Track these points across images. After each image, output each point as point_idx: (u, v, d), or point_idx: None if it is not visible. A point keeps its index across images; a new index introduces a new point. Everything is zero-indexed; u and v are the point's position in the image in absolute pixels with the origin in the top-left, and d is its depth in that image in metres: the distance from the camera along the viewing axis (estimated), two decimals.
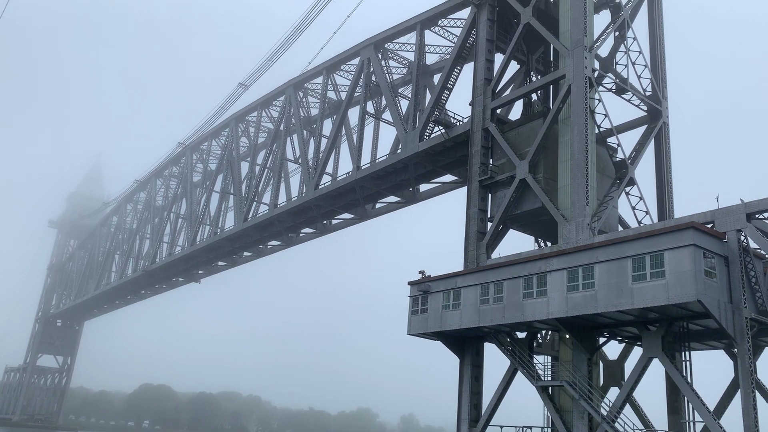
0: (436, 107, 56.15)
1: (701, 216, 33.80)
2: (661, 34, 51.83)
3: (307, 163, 76.16)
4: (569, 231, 40.29)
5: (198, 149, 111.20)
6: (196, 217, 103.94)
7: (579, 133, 41.82)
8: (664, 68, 50.84)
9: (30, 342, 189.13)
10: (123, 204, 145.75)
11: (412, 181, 64.53)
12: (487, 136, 49.25)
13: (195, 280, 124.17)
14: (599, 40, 45.86)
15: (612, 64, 49.80)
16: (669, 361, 33.47)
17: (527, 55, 53.82)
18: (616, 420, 34.32)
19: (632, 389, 35.23)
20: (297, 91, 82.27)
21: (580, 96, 42.43)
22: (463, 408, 43.48)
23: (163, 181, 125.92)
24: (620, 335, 40.47)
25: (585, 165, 40.92)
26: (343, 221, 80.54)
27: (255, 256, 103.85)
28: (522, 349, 40.60)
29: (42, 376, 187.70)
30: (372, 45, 67.62)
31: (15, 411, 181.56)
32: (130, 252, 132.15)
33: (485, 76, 50.78)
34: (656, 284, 31.30)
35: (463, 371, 44.55)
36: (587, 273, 34.69)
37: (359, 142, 67.97)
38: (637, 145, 48.37)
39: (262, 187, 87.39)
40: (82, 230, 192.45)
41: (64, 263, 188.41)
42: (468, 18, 54.59)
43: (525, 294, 37.81)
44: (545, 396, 38.93)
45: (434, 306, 43.82)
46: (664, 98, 49.48)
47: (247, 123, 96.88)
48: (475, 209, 47.56)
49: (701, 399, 31.65)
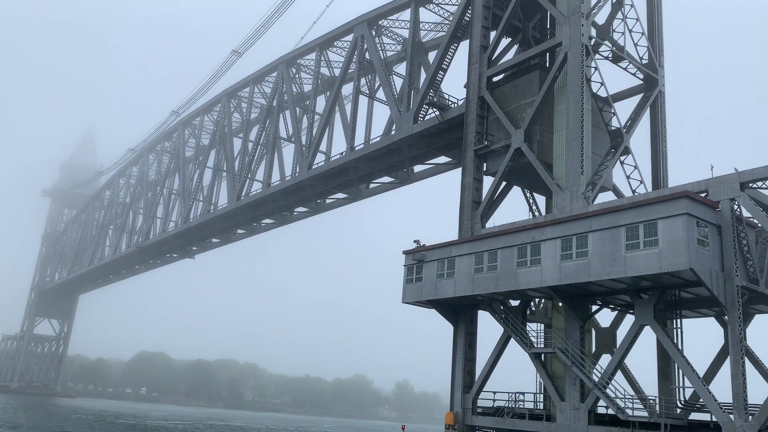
0: (431, 88, 55.59)
1: (695, 185, 33.88)
2: (659, 2, 51.28)
3: (300, 142, 75.74)
4: (563, 200, 40.37)
5: (190, 124, 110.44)
6: (189, 193, 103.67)
7: (575, 101, 41.62)
8: (661, 36, 50.39)
9: (26, 310, 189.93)
10: (116, 178, 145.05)
11: (406, 162, 64.36)
12: (483, 105, 48.95)
13: (189, 256, 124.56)
14: (596, 7, 45.32)
15: (609, 32, 49.33)
16: (660, 328, 33.90)
17: (523, 23, 53.19)
18: (607, 386, 34.88)
19: (624, 356, 35.71)
20: (289, 67, 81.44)
21: (577, 64, 42.12)
22: (457, 374, 44.09)
23: (155, 155, 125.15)
24: (613, 303, 40.90)
25: (580, 134, 40.82)
26: (337, 201, 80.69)
27: (248, 233, 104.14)
28: (515, 317, 41.04)
29: (39, 344, 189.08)
30: (366, 22, 66.75)
31: (13, 378, 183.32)
32: (124, 227, 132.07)
33: (481, 44, 50.25)
34: (649, 253, 31.51)
35: (457, 338, 45.07)
36: (581, 242, 34.87)
37: (353, 121, 67.50)
38: (632, 113, 48.18)
39: (255, 165, 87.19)
40: (75, 199, 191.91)
41: (58, 236, 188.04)
42: None
43: (519, 263, 38.04)
44: (538, 363, 39.48)
45: (429, 275, 44.09)
46: (661, 66, 49.15)
47: (239, 99, 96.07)
48: (470, 178, 47.51)
49: (691, 365, 32.15)
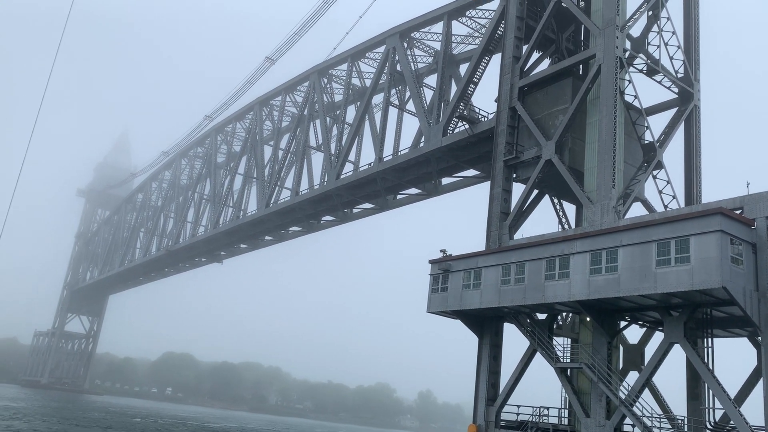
0: (461, 101, 55.51)
1: (730, 202, 33.22)
2: (697, 15, 50.53)
3: (330, 151, 76.26)
4: (594, 213, 39.92)
5: (222, 131, 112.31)
6: (219, 199, 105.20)
7: (607, 114, 41.18)
8: (697, 50, 49.62)
9: (58, 307, 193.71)
10: (149, 181, 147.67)
11: (434, 174, 64.31)
12: (514, 115, 48.71)
13: (217, 260, 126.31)
14: (632, 19, 44.89)
15: (644, 45, 48.73)
16: (691, 347, 33.22)
17: (557, 34, 52.88)
18: (634, 404, 34.26)
19: (652, 374, 35.07)
20: (321, 77, 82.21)
21: (610, 77, 41.69)
22: (481, 386, 43.71)
23: (188, 160, 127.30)
24: (642, 320, 40.21)
25: (612, 147, 40.34)
26: (364, 210, 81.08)
27: (276, 240, 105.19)
28: (542, 331, 40.58)
29: (69, 341, 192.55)
30: (398, 34, 67.10)
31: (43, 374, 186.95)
32: (155, 230, 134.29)
33: (514, 54, 50.07)
34: (681, 269, 30.94)
35: (482, 350, 44.69)
36: (611, 256, 34.41)
37: (382, 132, 67.77)
38: (666, 128, 47.47)
39: (285, 172, 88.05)
40: (109, 200, 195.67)
41: (91, 236, 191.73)
42: (497, 10, 53.63)
43: (547, 275, 37.65)
44: (564, 378, 38.96)
45: (454, 285, 43.88)
46: (697, 81, 48.39)
47: (271, 107, 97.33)
48: (498, 189, 47.26)
49: (722, 386, 31.43)
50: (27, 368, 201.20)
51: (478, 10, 59.66)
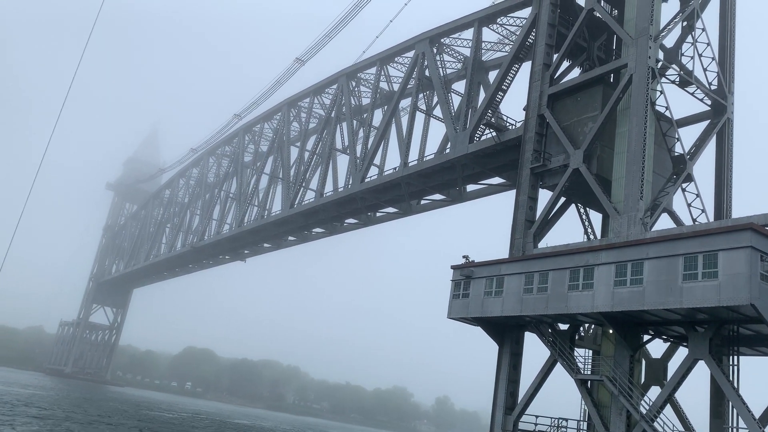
0: (489, 108, 55.29)
1: (761, 217, 32.61)
2: (733, 26, 49.73)
3: (355, 154, 76.52)
4: (620, 225, 39.46)
5: (250, 131, 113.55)
6: (245, 198, 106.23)
7: (638, 125, 40.70)
8: (732, 62, 48.82)
9: (84, 299, 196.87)
10: (176, 178, 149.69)
11: (459, 180, 64.16)
12: (542, 123, 48.38)
13: (241, 258, 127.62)
14: (666, 29, 44.35)
15: (677, 55, 48.09)
16: (716, 364, 32.63)
17: (588, 42, 52.45)
18: (655, 419, 33.75)
19: (674, 390, 34.52)
20: (350, 80, 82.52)
21: (642, 87, 41.21)
22: (500, 395, 43.41)
23: (215, 159, 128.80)
24: (666, 334, 39.61)
25: (642, 158, 39.85)
26: (387, 214, 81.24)
27: (299, 241, 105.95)
28: (563, 341, 40.20)
29: (94, 332, 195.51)
30: (427, 39, 67.09)
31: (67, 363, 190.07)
32: (180, 226, 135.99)
33: (544, 61, 49.75)
34: (708, 285, 30.43)
35: (502, 358, 44.40)
36: (636, 268, 33.96)
37: (408, 137, 67.77)
38: (697, 140, 46.78)
39: (310, 174, 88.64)
40: (137, 194, 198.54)
41: (118, 230, 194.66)
42: (529, 18, 53.37)
43: (570, 286, 37.30)
44: (584, 390, 38.53)
45: (476, 291, 43.68)
46: (731, 93, 47.60)
47: (299, 108, 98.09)
48: (524, 197, 46.95)
49: (747, 405, 30.81)
50: (51, 357, 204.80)
51: (510, 18, 59.41)
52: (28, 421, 55.76)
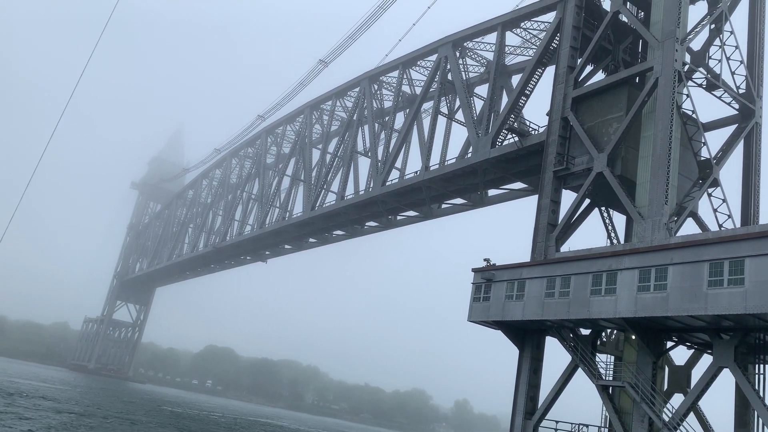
0: (512, 113, 54.95)
1: None
2: (762, 30, 48.91)
3: (377, 157, 76.64)
4: (644, 229, 38.99)
5: (273, 132, 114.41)
6: (266, 199, 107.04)
7: (663, 129, 40.20)
8: (761, 65, 48.02)
9: (108, 296, 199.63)
10: (199, 179, 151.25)
11: (480, 185, 63.82)
12: (566, 125, 47.99)
13: (262, 259, 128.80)
14: (693, 32, 43.74)
15: (704, 59, 47.45)
16: (741, 372, 32.09)
17: (614, 45, 51.94)
18: (678, 427, 33.29)
19: (698, 398, 34.02)
20: (372, 83, 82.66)
21: (668, 90, 40.70)
22: (520, 399, 43.14)
23: (238, 160, 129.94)
24: (689, 341, 39.05)
25: (667, 163, 39.34)
26: (407, 218, 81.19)
27: (320, 243, 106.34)
28: (585, 346, 39.83)
29: (117, 329, 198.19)
30: (450, 43, 66.87)
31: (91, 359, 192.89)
32: (203, 226, 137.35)
33: (568, 64, 49.35)
34: (734, 291, 29.96)
35: (522, 363, 44.12)
36: (660, 274, 33.55)
37: (430, 141, 67.61)
38: (724, 144, 46.10)
39: (331, 176, 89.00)
40: (161, 193, 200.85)
41: (142, 229, 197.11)
42: (553, 22, 52.95)
43: (593, 291, 36.96)
44: (605, 396, 38.13)
45: (497, 295, 43.46)
46: (759, 97, 46.80)
47: (321, 111, 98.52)
48: (546, 200, 46.61)
49: None
50: (75, 353, 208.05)
51: (533, 22, 58.99)
52: (68, 420, 56.63)
